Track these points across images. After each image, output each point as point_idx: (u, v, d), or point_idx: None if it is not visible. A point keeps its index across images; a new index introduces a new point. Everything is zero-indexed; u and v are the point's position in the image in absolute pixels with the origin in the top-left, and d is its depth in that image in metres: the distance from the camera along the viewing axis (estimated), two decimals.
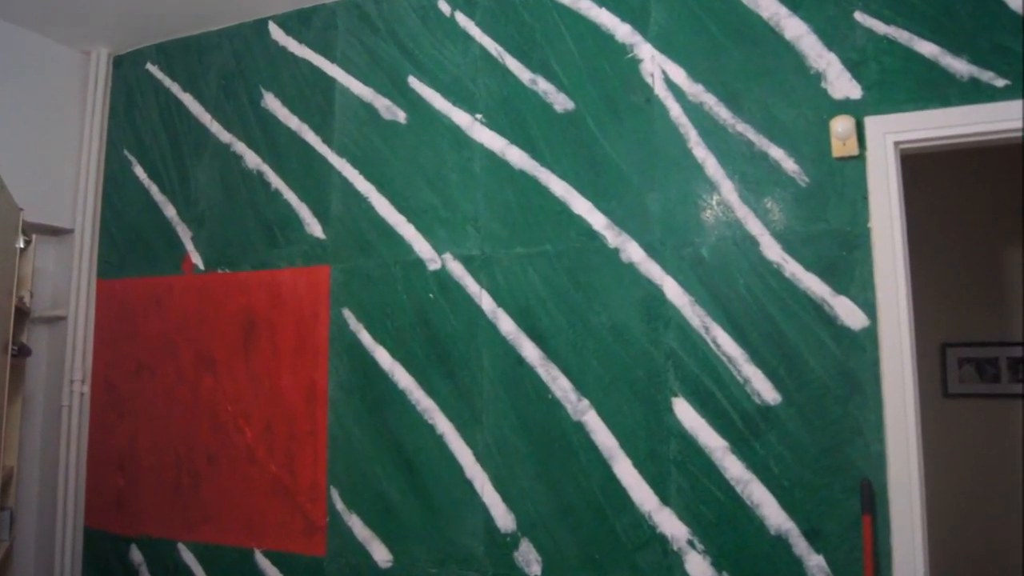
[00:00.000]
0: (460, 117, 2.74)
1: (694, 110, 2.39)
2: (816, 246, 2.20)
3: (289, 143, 3.05)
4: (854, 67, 2.21)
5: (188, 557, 3.03)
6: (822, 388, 2.15)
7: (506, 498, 2.51)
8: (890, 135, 2.13)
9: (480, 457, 2.56)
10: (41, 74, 3.33)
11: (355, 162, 2.90)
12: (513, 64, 2.67)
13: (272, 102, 3.11)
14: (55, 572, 3.20)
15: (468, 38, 2.76)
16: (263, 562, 2.88)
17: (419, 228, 2.76)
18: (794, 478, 2.16)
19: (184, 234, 3.24)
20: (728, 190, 2.33)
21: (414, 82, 2.83)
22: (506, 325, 2.57)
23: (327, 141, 2.97)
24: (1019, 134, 2.00)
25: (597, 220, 2.48)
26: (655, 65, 2.46)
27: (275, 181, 3.06)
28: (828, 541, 2.10)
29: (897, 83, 2.15)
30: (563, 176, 2.55)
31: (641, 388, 2.37)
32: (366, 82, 2.92)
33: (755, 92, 2.32)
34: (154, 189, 3.33)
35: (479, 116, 2.71)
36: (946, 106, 2.09)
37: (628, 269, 2.43)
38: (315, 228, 2.95)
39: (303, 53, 3.08)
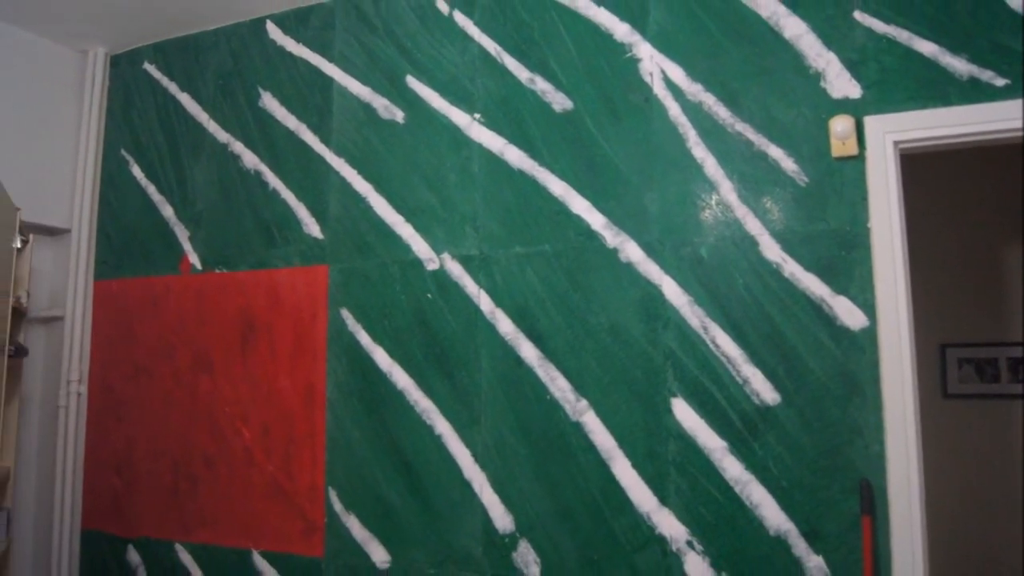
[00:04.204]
0: (458, 116, 2.73)
1: (693, 109, 2.39)
2: (815, 246, 2.19)
3: (287, 143, 3.04)
4: (853, 66, 2.20)
5: (186, 558, 3.03)
6: (821, 389, 2.15)
7: (504, 499, 2.51)
8: (889, 134, 2.13)
9: (479, 458, 2.56)
10: (38, 73, 3.32)
11: (353, 162, 2.90)
12: (511, 63, 2.67)
13: (270, 102, 3.10)
14: (52, 573, 3.19)
15: (466, 37, 2.75)
16: (261, 563, 2.88)
17: (417, 228, 2.75)
18: (793, 479, 2.15)
19: (181, 234, 3.23)
20: (727, 190, 2.32)
21: (412, 81, 2.83)
22: (504, 325, 2.57)
23: (325, 141, 2.96)
24: (1019, 133, 2.00)
25: (596, 220, 2.48)
26: (654, 64, 2.46)
27: (273, 181, 3.05)
28: (827, 542, 2.10)
29: (896, 82, 2.15)
30: (561, 176, 2.54)
31: (640, 388, 2.36)
32: (364, 81, 2.92)
33: (754, 91, 2.32)
34: (151, 189, 3.33)
35: (477, 116, 2.70)
36: (946, 105, 2.09)
37: (627, 269, 2.42)
38: (313, 228, 2.94)
39: (301, 52, 3.07)
